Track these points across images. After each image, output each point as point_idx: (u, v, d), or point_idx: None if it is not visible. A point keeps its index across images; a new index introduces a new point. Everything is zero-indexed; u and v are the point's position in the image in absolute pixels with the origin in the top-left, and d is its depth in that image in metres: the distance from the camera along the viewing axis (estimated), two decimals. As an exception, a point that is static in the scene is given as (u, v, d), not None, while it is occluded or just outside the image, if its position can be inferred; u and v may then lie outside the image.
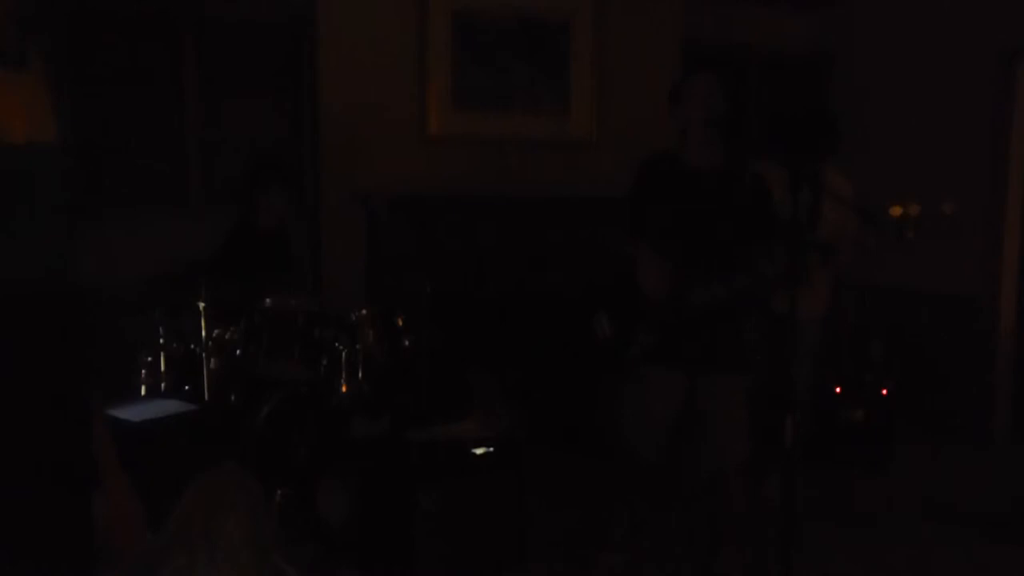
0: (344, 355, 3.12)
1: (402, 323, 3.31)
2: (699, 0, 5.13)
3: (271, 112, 4.72)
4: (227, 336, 3.12)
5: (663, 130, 3.11)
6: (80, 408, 1.48)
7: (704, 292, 2.83)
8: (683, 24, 5.10)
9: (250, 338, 3.17)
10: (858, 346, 5.04)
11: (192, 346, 3.13)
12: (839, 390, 4.56)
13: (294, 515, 2.81)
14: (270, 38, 4.68)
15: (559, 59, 4.88)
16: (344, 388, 3.11)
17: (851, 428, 4.48)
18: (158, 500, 2.11)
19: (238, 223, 3.81)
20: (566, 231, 4.66)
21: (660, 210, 2.95)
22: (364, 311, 3.22)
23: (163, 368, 3.14)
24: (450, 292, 4.15)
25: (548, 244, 4.65)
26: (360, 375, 3.14)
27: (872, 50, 5.38)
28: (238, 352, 3.13)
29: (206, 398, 3.07)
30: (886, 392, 4.55)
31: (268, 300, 3.22)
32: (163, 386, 3.13)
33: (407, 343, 3.29)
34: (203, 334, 3.06)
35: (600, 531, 3.22)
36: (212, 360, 3.08)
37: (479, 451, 3.08)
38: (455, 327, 4.11)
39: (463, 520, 3.00)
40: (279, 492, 2.80)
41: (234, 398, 3.07)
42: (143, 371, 3.12)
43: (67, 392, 1.45)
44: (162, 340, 3.15)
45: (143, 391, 3.10)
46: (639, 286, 2.91)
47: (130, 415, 2.87)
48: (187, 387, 3.11)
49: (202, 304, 3.06)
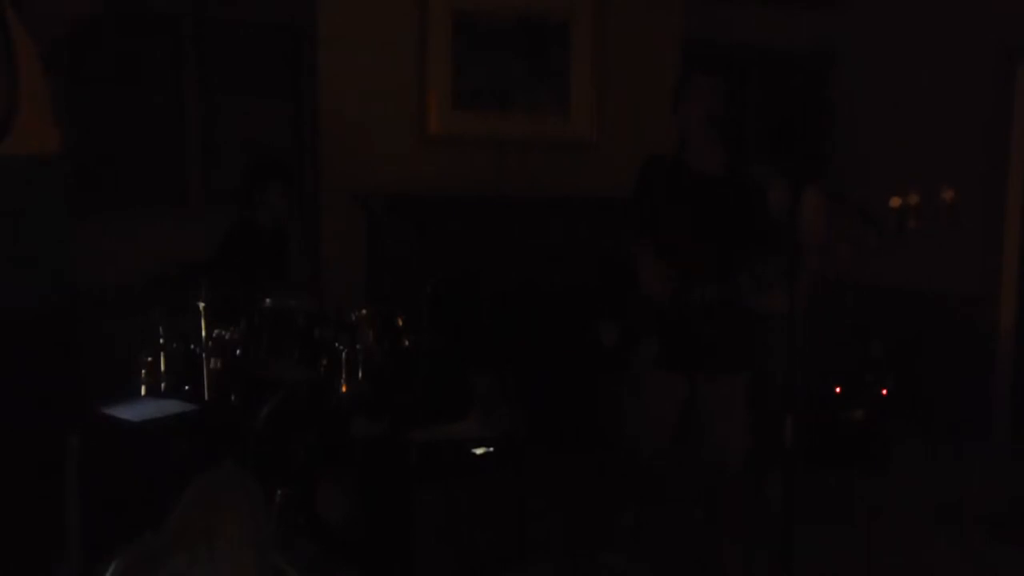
0: (344, 355, 3.11)
1: (402, 323, 3.31)
2: (699, 0, 5.13)
3: (271, 112, 4.72)
4: (227, 336, 3.11)
5: (663, 130, 3.11)
6: (72, 405, 1.48)
7: (704, 293, 2.83)
8: (683, 24, 5.10)
9: (250, 338, 3.17)
10: (858, 346, 5.04)
11: (192, 346, 3.13)
12: (839, 390, 4.56)
13: (294, 515, 2.81)
14: (270, 38, 4.68)
15: (559, 59, 4.88)
16: (344, 388, 3.11)
17: (851, 428, 4.48)
18: (158, 500, 2.11)
19: (237, 223, 3.81)
20: (566, 231, 4.66)
21: (660, 213, 2.95)
22: (364, 311, 3.22)
23: (163, 368, 3.14)
24: (450, 292, 4.15)
25: (548, 244, 4.65)
26: (360, 375, 3.14)
27: (872, 49, 5.38)
28: (238, 352, 3.13)
29: (206, 398, 3.06)
30: (886, 392, 4.56)
31: (268, 300, 3.23)
32: (163, 386, 3.12)
33: (407, 343, 3.29)
34: (203, 334, 3.06)
35: (600, 531, 3.22)
36: (212, 360, 3.07)
37: (479, 451, 3.08)
38: (455, 327, 4.11)
39: (463, 520, 3.00)
40: (279, 492, 2.80)
41: (234, 398, 3.07)
42: (143, 371, 3.11)
43: (60, 388, 1.45)
44: (162, 340, 3.14)
45: (143, 391, 3.10)
46: (641, 289, 2.92)
47: (130, 415, 2.87)
48: (187, 387, 3.11)
49: (202, 304, 3.06)
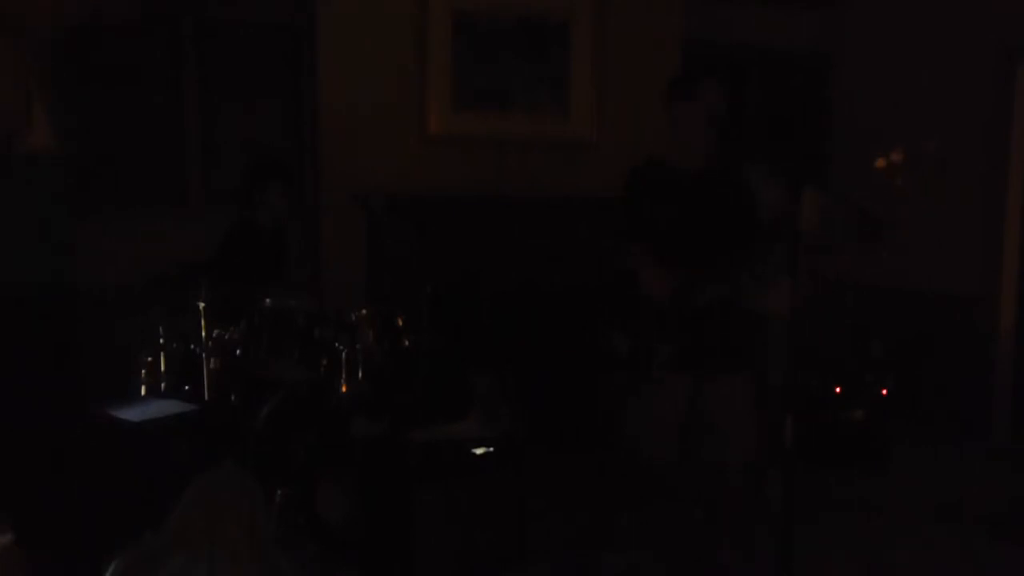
0: (344, 355, 3.11)
1: (402, 323, 3.31)
2: (699, 0, 5.13)
3: (271, 112, 4.73)
4: (227, 336, 3.12)
5: (663, 130, 3.11)
6: (74, 400, 1.49)
7: (705, 293, 2.84)
8: (683, 24, 5.10)
9: (250, 338, 3.17)
10: (858, 346, 5.05)
11: (192, 346, 3.13)
12: (839, 390, 4.56)
13: (294, 515, 2.81)
14: (270, 38, 4.68)
15: (559, 59, 4.88)
16: (344, 388, 3.11)
17: (851, 428, 4.48)
18: (158, 500, 2.11)
19: (237, 223, 3.81)
20: (566, 231, 4.66)
21: (653, 214, 2.96)
22: (364, 311, 3.22)
23: (163, 368, 3.14)
24: (450, 292, 4.15)
25: (548, 244, 4.65)
26: (360, 375, 3.14)
27: (872, 49, 5.38)
28: (238, 352, 3.13)
29: (206, 398, 3.06)
30: (886, 392, 4.56)
31: (268, 300, 3.23)
32: (163, 386, 3.13)
33: (407, 343, 3.29)
34: (203, 334, 3.06)
35: (600, 531, 3.22)
36: (212, 360, 3.07)
37: (479, 451, 3.09)
38: (455, 327, 4.11)
39: (463, 520, 3.00)
40: (279, 492, 2.80)
41: (234, 398, 3.07)
42: (143, 371, 3.11)
43: (62, 385, 1.46)
44: (162, 340, 3.14)
45: (143, 391, 3.10)
46: (644, 292, 2.92)
47: (130, 415, 2.87)
48: (187, 387, 3.11)
49: (202, 304, 3.06)
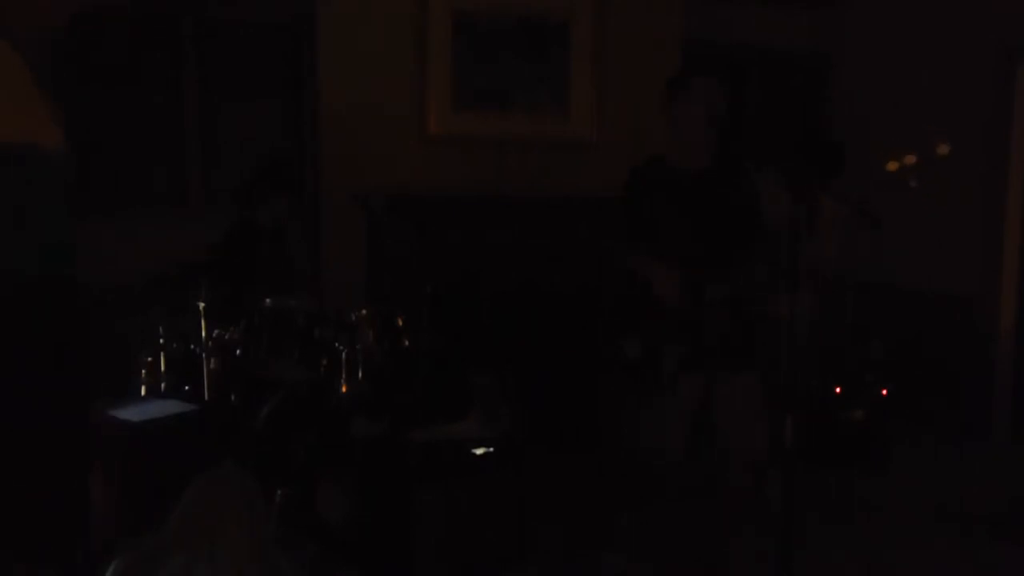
0: (344, 355, 3.11)
1: (402, 323, 3.31)
2: (699, 0, 5.14)
3: (271, 112, 4.73)
4: (227, 336, 3.12)
5: (663, 130, 3.11)
6: (78, 400, 1.50)
7: (710, 293, 2.84)
8: (683, 24, 5.10)
9: (250, 338, 3.17)
10: (858, 346, 5.04)
11: (192, 346, 3.13)
12: (839, 390, 4.56)
13: (294, 515, 2.81)
14: (270, 39, 4.68)
15: (559, 59, 4.88)
16: (344, 388, 3.11)
17: (851, 428, 4.48)
18: (158, 500, 2.11)
19: (237, 223, 3.81)
20: (566, 231, 4.66)
21: (654, 214, 2.96)
22: (364, 311, 3.22)
23: (163, 368, 3.14)
24: (450, 292, 4.15)
25: (548, 244, 4.65)
26: (360, 375, 3.14)
27: (872, 49, 5.38)
28: (238, 352, 3.13)
29: (206, 398, 3.07)
30: (886, 392, 4.55)
31: (268, 300, 3.23)
32: (163, 386, 3.13)
33: (407, 343, 3.29)
34: (203, 334, 3.06)
35: (600, 531, 3.22)
36: (212, 360, 3.07)
37: (479, 451, 3.08)
38: (455, 327, 4.11)
39: (463, 520, 3.00)
40: (279, 492, 2.80)
41: (234, 398, 3.07)
42: (143, 371, 3.11)
43: (67, 385, 1.47)
44: (162, 340, 3.14)
45: (143, 391, 3.10)
46: (654, 294, 2.92)
47: (130, 415, 2.87)
48: (187, 387, 3.11)
49: (202, 304, 3.06)
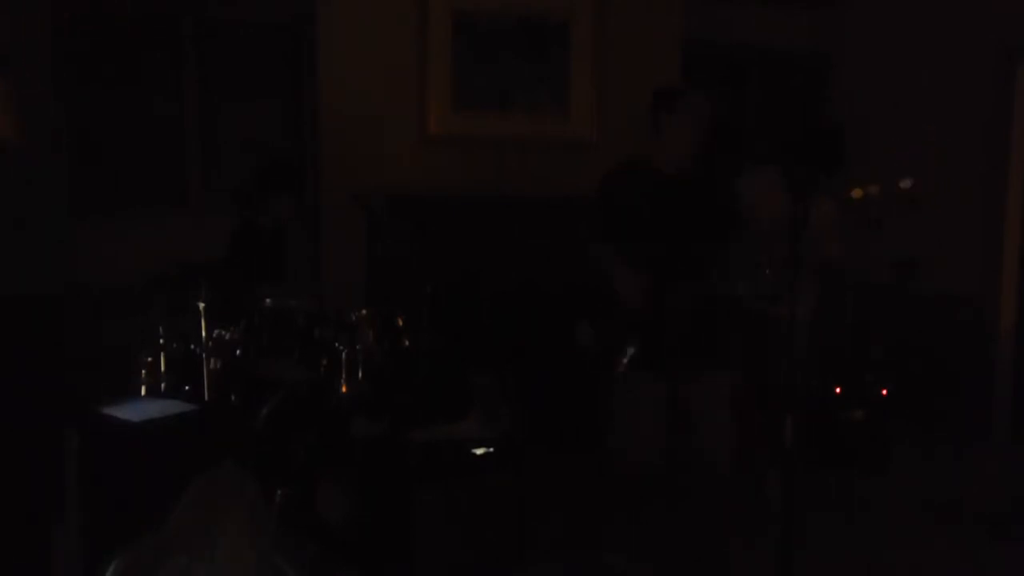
0: (344, 355, 3.11)
1: (402, 323, 3.31)
2: (699, 0, 5.14)
3: (271, 112, 4.73)
4: (227, 336, 3.12)
5: (652, 128, 3.11)
6: (57, 407, 1.49)
7: (677, 296, 2.86)
8: (683, 24, 5.10)
9: (250, 338, 3.17)
10: (858, 346, 5.04)
11: (192, 346, 3.13)
12: (839, 390, 4.56)
13: (294, 515, 2.81)
14: (270, 38, 4.68)
15: (559, 59, 4.89)
16: (344, 388, 3.11)
17: (851, 428, 4.48)
18: (158, 500, 2.11)
19: (242, 224, 3.82)
20: (566, 231, 4.65)
21: (628, 216, 2.98)
22: (364, 311, 3.22)
23: (163, 368, 3.14)
24: (450, 292, 4.15)
25: (548, 244, 4.65)
26: (360, 375, 3.14)
27: (872, 49, 5.38)
28: (238, 352, 3.14)
29: (206, 398, 3.07)
30: (886, 392, 4.55)
31: (268, 300, 3.23)
32: (163, 386, 3.13)
33: (407, 343, 3.29)
34: (203, 334, 3.06)
35: (600, 531, 3.22)
36: (212, 360, 3.07)
37: (479, 451, 3.08)
38: (455, 327, 4.11)
39: (463, 520, 3.00)
40: (279, 492, 2.80)
41: (234, 398, 3.07)
42: (143, 371, 3.11)
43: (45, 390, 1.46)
44: (162, 340, 3.14)
45: (143, 391, 3.10)
46: (614, 291, 2.94)
47: (130, 415, 2.87)
48: (187, 387, 3.11)
49: (202, 304, 3.06)
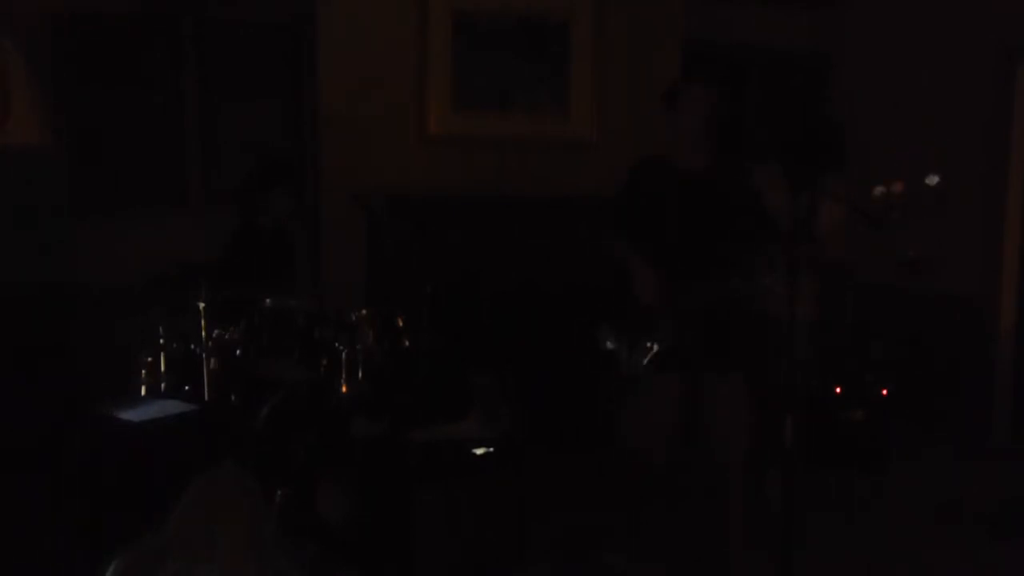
0: (344, 355, 3.11)
1: (402, 323, 3.31)
2: (699, 0, 5.14)
3: (271, 112, 4.73)
4: (227, 336, 3.12)
5: (663, 131, 3.12)
6: (59, 405, 1.50)
7: (696, 296, 2.85)
8: (683, 24, 5.10)
9: (250, 338, 3.17)
10: (858, 346, 5.05)
11: (192, 346, 3.13)
12: (839, 390, 4.56)
13: (294, 515, 2.81)
14: (270, 38, 4.68)
15: (559, 59, 4.88)
16: (344, 388, 3.11)
17: (851, 428, 4.48)
18: (158, 500, 2.11)
19: (242, 224, 3.82)
20: (566, 231, 4.66)
21: (650, 216, 2.97)
22: (364, 311, 3.23)
23: (163, 368, 3.14)
24: (450, 292, 4.15)
25: (548, 244, 4.65)
26: (360, 375, 3.14)
27: (872, 49, 5.38)
28: (238, 352, 3.14)
29: (206, 398, 3.07)
30: (886, 392, 4.55)
31: (268, 300, 3.23)
32: (163, 386, 3.13)
33: (407, 343, 3.29)
34: (203, 334, 3.06)
35: (600, 531, 3.22)
36: (212, 360, 3.08)
37: (479, 451, 3.08)
38: (455, 327, 4.10)
39: (463, 520, 3.00)
40: (279, 492, 2.80)
41: (234, 398, 3.07)
42: (143, 371, 3.11)
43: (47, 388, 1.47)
44: (162, 340, 3.14)
45: (143, 391, 3.10)
46: (635, 291, 2.93)
47: (130, 415, 2.87)
48: (187, 387, 3.11)
49: (202, 304, 3.06)
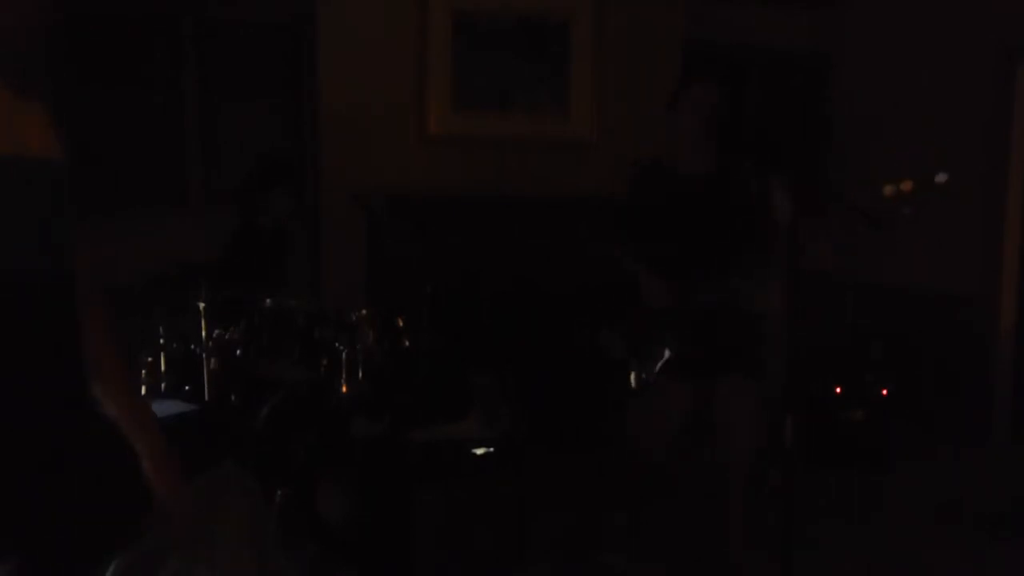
0: (344, 355, 3.12)
1: (402, 323, 3.31)
2: (699, 0, 5.14)
3: (271, 112, 4.73)
4: (227, 336, 3.12)
5: (663, 131, 3.12)
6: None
7: (703, 298, 2.85)
8: (683, 24, 5.10)
9: (250, 338, 3.17)
10: (858, 346, 5.05)
11: (192, 346, 3.13)
12: (839, 390, 4.56)
13: (294, 515, 2.81)
14: (270, 38, 4.68)
15: (559, 59, 4.88)
16: (344, 388, 3.11)
17: (851, 428, 4.48)
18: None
19: (242, 224, 3.82)
20: (566, 231, 4.66)
21: (654, 220, 2.97)
22: (364, 311, 3.23)
23: (163, 368, 3.14)
24: (450, 292, 4.15)
25: (548, 244, 4.65)
26: (360, 375, 3.14)
27: (872, 49, 5.38)
28: (238, 352, 3.14)
29: (206, 398, 3.07)
30: (886, 392, 4.55)
31: (268, 300, 3.23)
32: (163, 386, 3.13)
33: (407, 343, 3.29)
34: (203, 334, 3.06)
35: (600, 531, 3.22)
36: (212, 360, 3.08)
37: (479, 451, 3.09)
38: (455, 327, 4.11)
39: (463, 520, 3.01)
40: (279, 492, 2.80)
41: (234, 398, 3.07)
42: (143, 371, 3.12)
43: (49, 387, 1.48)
44: (162, 340, 3.15)
45: (143, 391, 3.10)
46: (642, 296, 2.93)
47: (130, 415, 2.87)
48: (187, 387, 3.11)
49: (202, 304, 3.06)
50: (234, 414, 3.02)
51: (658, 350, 2.91)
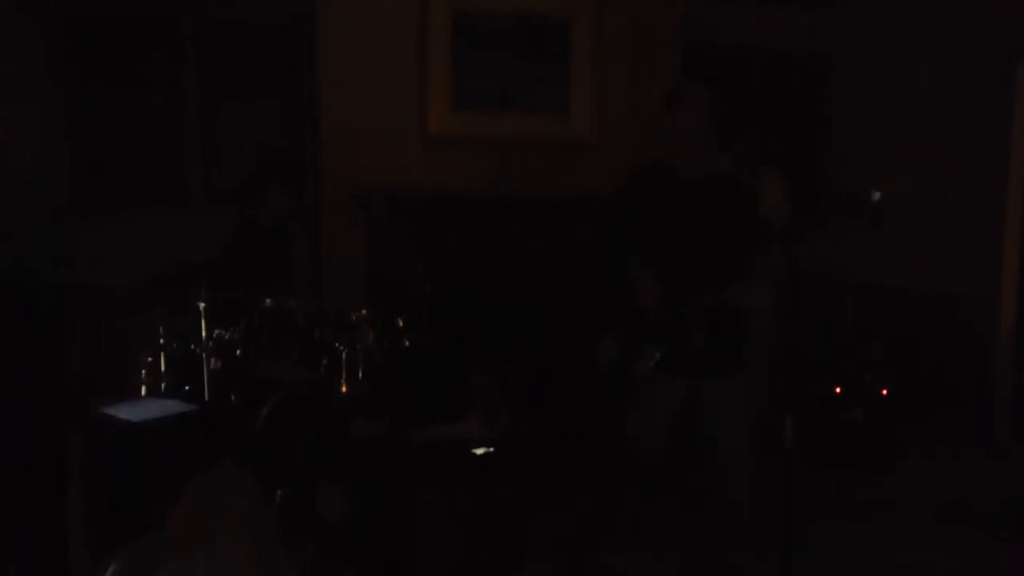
0: (344, 355, 3.12)
1: (402, 323, 3.31)
2: (699, 0, 5.14)
3: (271, 112, 4.73)
4: (227, 336, 3.12)
5: (663, 131, 3.11)
6: (58, 403, 1.50)
7: (697, 300, 2.85)
8: (683, 24, 5.10)
9: (250, 338, 3.17)
10: (858, 346, 5.05)
11: (192, 346, 3.13)
12: (839, 390, 4.56)
13: (294, 515, 2.81)
14: (270, 38, 4.68)
15: (559, 59, 4.88)
16: (344, 388, 3.11)
17: (851, 428, 4.48)
18: (158, 500, 2.11)
19: (242, 223, 3.82)
20: (566, 231, 4.66)
21: (650, 220, 2.97)
22: (364, 311, 3.23)
23: (163, 368, 3.14)
24: (450, 292, 4.15)
25: (548, 244, 4.65)
26: (360, 375, 3.14)
27: (872, 49, 5.38)
28: (238, 352, 3.14)
29: (206, 398, 3.07)
30: (886, 392, 4.55)
31: (268, 300, 3.23)
32: (163, 386, 3.13)
33: (407, 343, 3.29)
34: (203, 334, 3.06)
35: (600, 531, 3.22)
36: (212, 360, 3.08)
37: (479, 451, 3.08)
38: (455, 327, 4.10)
39: (463, 520, 3.00)
40: (279, 492, 2.80)
41: (234, 398, 3.07)
42: (143, 371, 3.12)
43: (46, 387, 1.48)
44: (162, 340, 3.15)
45: (143, 391, 3.10)
46: (635, 298, 2.94)
47: (130, 415, 2.87)
48: (187, 387, 3.12)
49: (202, 304, 3.06)
50: (234, 414, 3.02)
51: (651, 349, 2.91)
